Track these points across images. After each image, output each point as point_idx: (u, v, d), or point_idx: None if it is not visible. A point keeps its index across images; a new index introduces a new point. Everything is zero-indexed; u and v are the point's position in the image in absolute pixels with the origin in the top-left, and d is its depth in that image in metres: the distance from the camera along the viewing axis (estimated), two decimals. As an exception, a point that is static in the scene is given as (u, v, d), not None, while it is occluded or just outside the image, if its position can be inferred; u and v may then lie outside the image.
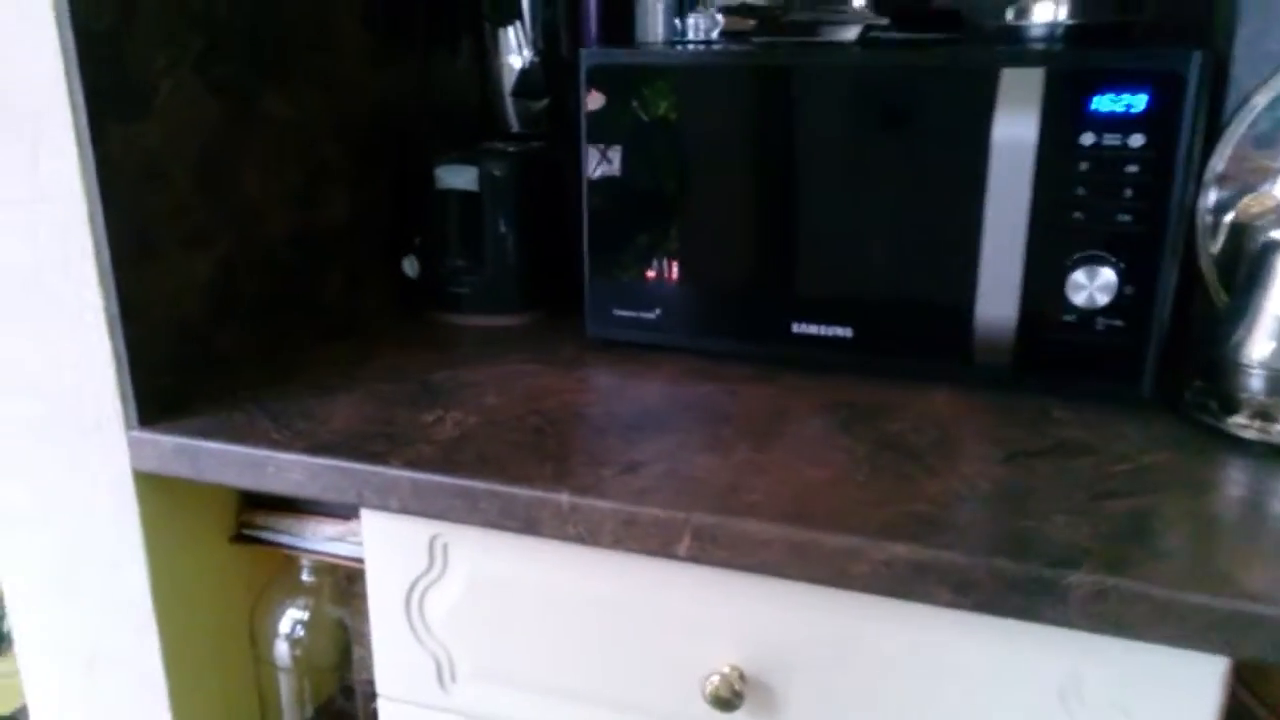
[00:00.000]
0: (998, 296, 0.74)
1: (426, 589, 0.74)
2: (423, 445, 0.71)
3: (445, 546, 0.73)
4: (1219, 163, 0.81)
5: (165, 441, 0.74)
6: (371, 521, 0.74)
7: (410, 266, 0.99)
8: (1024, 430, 0.73)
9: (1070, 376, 0.77)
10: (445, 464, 0.68)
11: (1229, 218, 0.81)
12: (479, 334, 0.96)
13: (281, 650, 0.88)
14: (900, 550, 0.57)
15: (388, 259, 1.01)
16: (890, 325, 0.80)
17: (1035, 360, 0.76)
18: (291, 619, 0.88)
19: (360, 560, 0.82)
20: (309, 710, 0.92)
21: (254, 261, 0.85)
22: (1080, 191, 0.71)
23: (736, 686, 0.65)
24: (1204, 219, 0.82)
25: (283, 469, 0.70)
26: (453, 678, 0.76)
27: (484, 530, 0.70)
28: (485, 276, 0.97)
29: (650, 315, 0.87)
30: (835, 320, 0.81)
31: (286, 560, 0.89)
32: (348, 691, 0.97)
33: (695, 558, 0.62)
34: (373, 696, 0.86)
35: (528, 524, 0.65)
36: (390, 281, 1.02)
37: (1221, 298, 0.81)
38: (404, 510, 0.68)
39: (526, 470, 0.66)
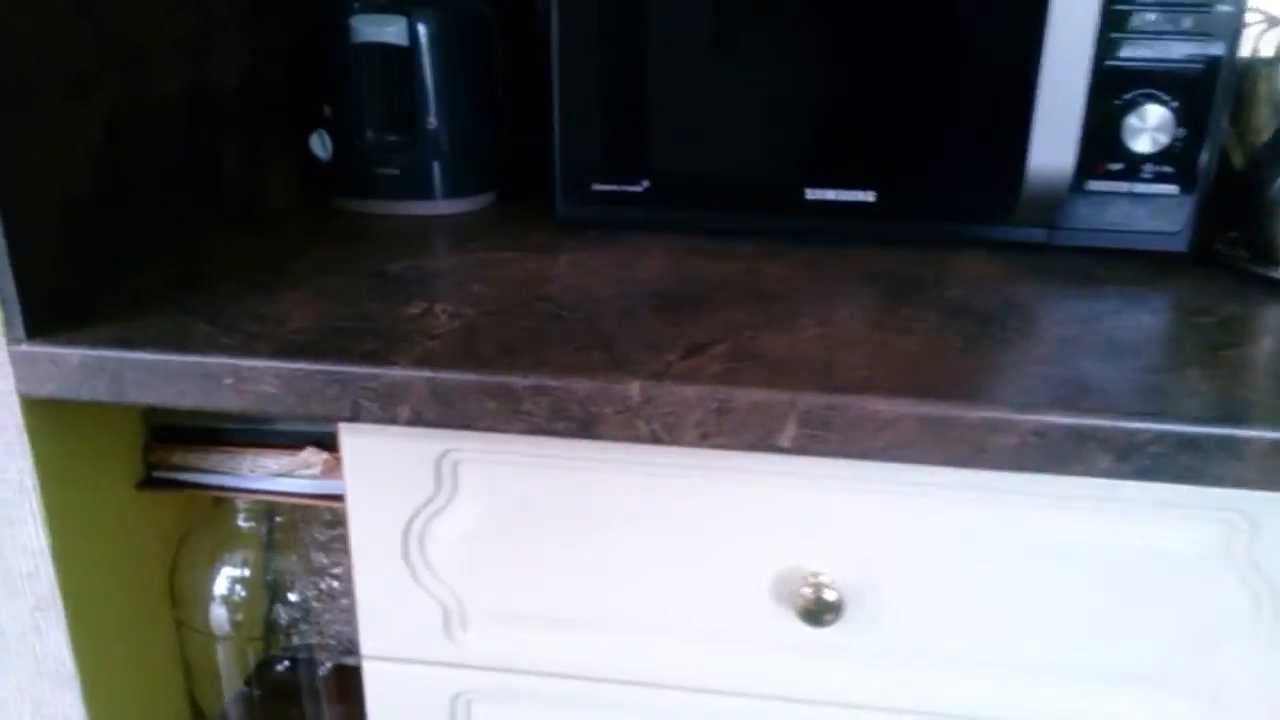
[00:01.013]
0: (1054, 144, 0.67)
1: (430, 519, 0.61)
2: (425, 340, 0.57)
3: (455, 466, 0.59)
4: None
5: (68, 357, 0.56)
6: (357, 443, 0.59)
7: (320, 144, 0.82)
8: (1083, 289, 0.67)
9: (1113, 232, 0.71)
10: (467, 360, 0.54)
11: None
12: (416, 225, 0.81)
13: (219, 616, 0.72)
14: (1055, 418, 0.49)
15: (291, 136, 0.84)
16: (919, 186, 0.72)
17: (1079, 214, 0.71)
18: (228, 577, 0.72)
19: (319, 497, 0.68)
20: (249, 677, 0.76)
21: (144, 120, 0.66)
22: (1148, 18, 0.65)
23: (830, 596, 0.56)
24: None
25: (248, 380, 0.55)
26: (463, 624, 0.63)
27: (504, 441, 0.57)
28: (418, 154, 0.82)
29: (636, 188, 0.75)
30: (856, 183, 0.72)
31: (213, 506, 0.73)
32: (287, 649, 0.82)
33: (802, 448, 0.52)
34: (310, 651, 0.72)
35: (585, 425, 0.53)
36: (294, 165, 0.85)
37: (1238, 156, 0.78)
38: (416, 420, 0.54)
39: (572, 361, 0.54)
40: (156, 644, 0.72)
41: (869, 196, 0.72)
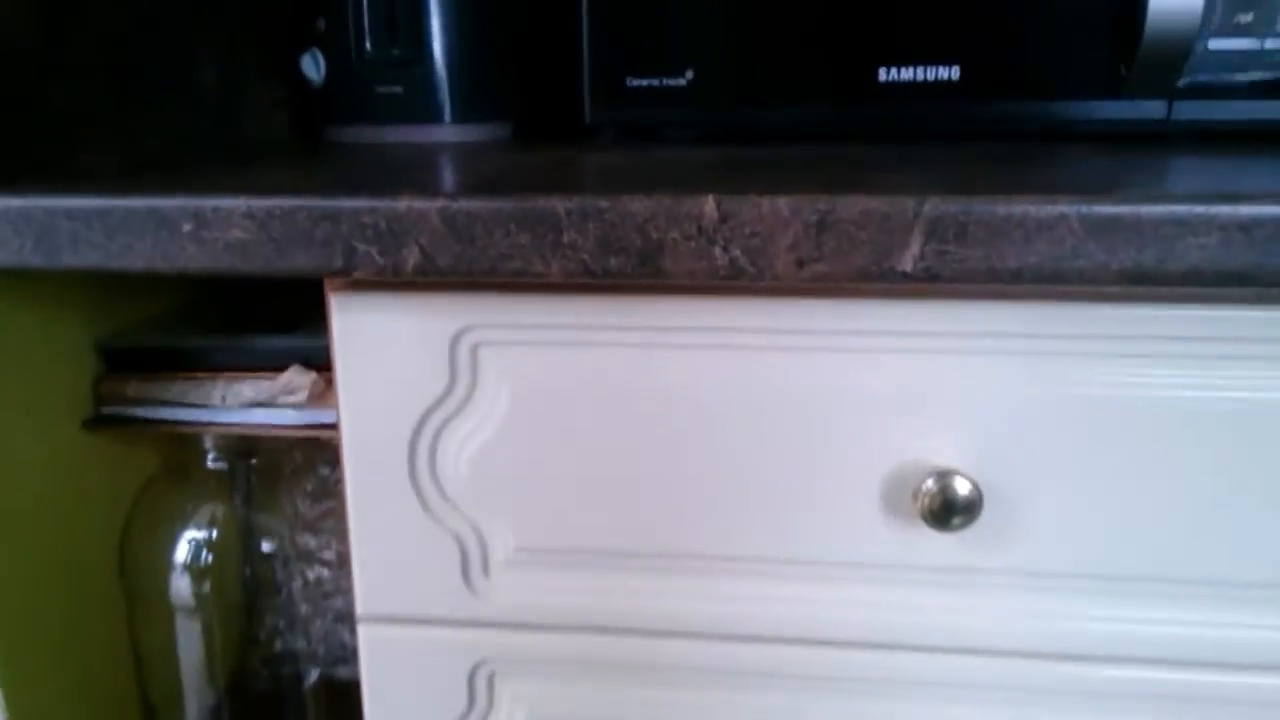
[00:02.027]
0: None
1: (444, 425, 0.48)
2: (442, 179, 0.46)
3: (474, 350, 0.47)
4: None
5: (-13, 211, 0.44)
6: (351, 322, 0.47)
7: (313, 64, 0.72)
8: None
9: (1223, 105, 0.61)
10: (496, 187, 0.43)
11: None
12: (424, 153, 0.70)
13: (180, 587, 0.58)
14: (1272, 208, 0.38)
15: (279, 60, 0.74)
16: (1011, 55, 0.62)
17: (1197, 88, 0.60)
18: (193, 540, 0.59)
19: (307, 428, 0.55)
20: (219, 677, 0.62)
21: (103, -11, 0.56)
22: None
23: (962, 489, 0.43)
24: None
25: (213, 225, 0.43)
26: (484, 568, 0.50)
27: (536, 308, 0.45)
28: (424, 69, 0.71)
29: (679, 80, 0.65)
30: (937, 56, 0.62)
31: (175, 449, 0.60)
32: (267, 656, 0.68)
33: (930, 269, 0.40)
34: (294, 660, 0.59)
35: (645, 257, 0.41)
36: (281, 95, 0.75)
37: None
38: (426, 266, 0.42)
39: (622, 188, 0.42)
40: (101, 621, 0.58)
41: (952, 72, 0.62)
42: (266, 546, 0.61)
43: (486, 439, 0.48)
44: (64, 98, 0.54)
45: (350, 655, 0.74)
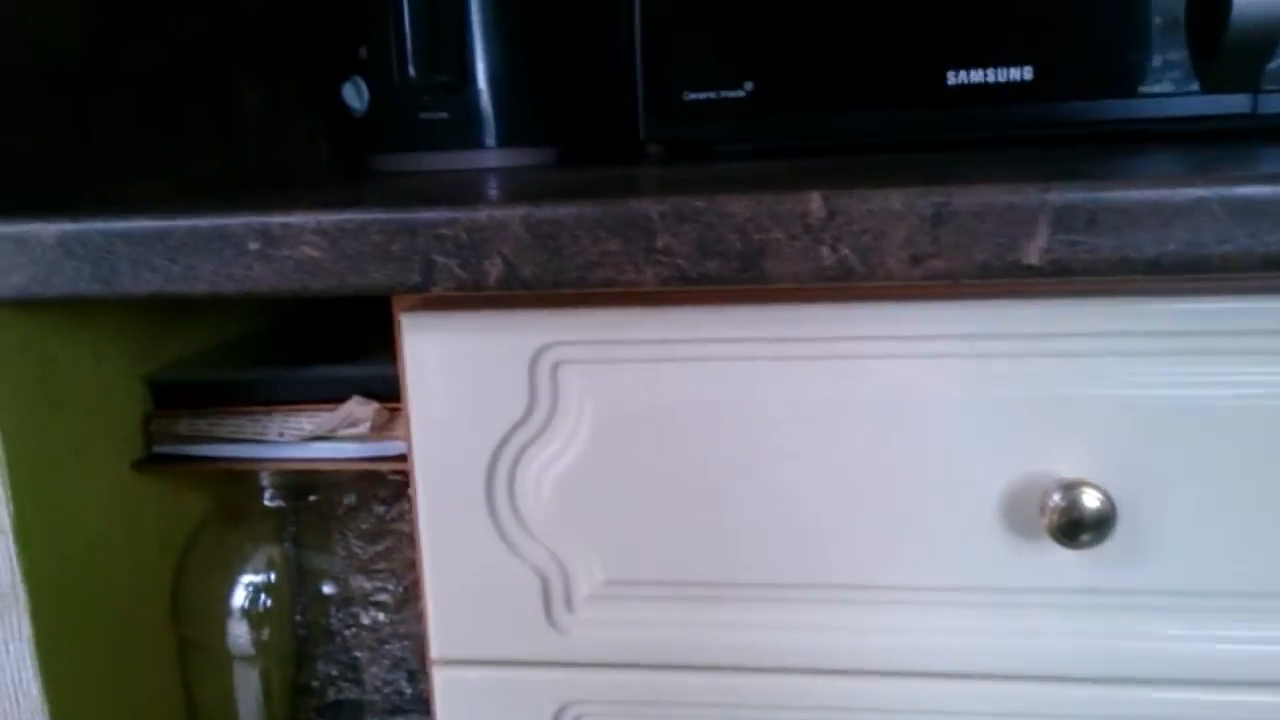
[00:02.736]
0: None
1: (522, 452, 0.45)
2: (523, 184, 0.43)
3: (555, 369, 0.44)
4: None
5: (42, 235, 0.42)
6: (424, 343, 0.44)
7: (355, 93, 0.70)
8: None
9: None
10: (582, 193, 0.40)
11: None
12: (474, 177, 0.68)
13: (238, 633, 0.55)
14: None
15: (320, 88, 0.72)
16: (1086, 54, 0.59)
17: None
18: (250, 583, 0.56)
19: (370, 461, 0.52)
20: (278, 716, 0.58)
21: (145, 12, 0.54)
22: None
23: (1092, 501, 0.40)
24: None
25: (281, 243, 0.40)
26: (568, 603, 0.46)
27: (622, 322, 0.43)
28: (469, 95, 0.70)
29: (738, 93, 0.63)
30: (1008, 57, 0.60)
31: (229, 490, 0.57)
32: (321, 706, 0.64)
33: (1058, 262, 0.37)
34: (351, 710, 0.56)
35: (746, 261, 0.38)
36: (323, 123, 0.73)
37: None
38: (509, 279, 0.40)
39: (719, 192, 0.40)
40: (152, 670, 0.55)
41: (1025, 73, 0.60)
42: (327, 589, 0.58)
43: (568, 464, 0.45)
44: (112, 125, 0.52)
45: (409, 704, 0.71)
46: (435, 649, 0.47)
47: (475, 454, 0.45)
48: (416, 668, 0.69)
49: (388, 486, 0.66)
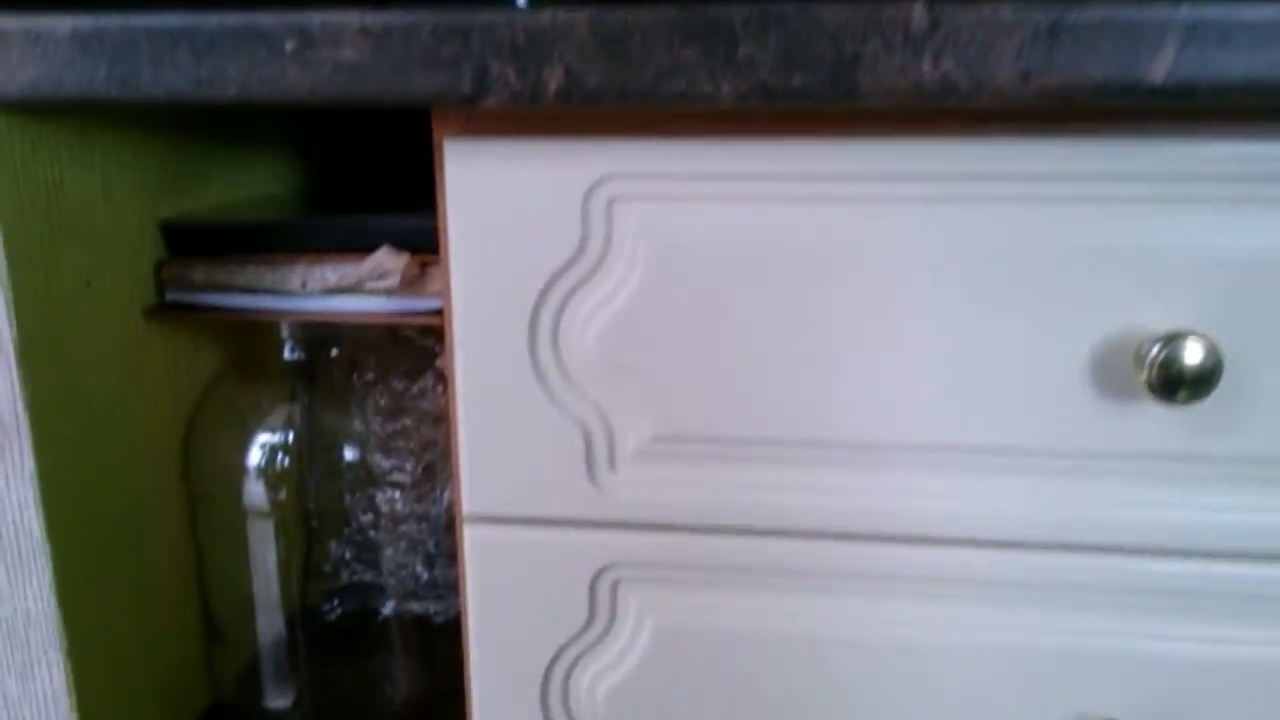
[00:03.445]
0: None
1: (570, 295, 0.42)
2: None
3: (610, 205, 0.41)
4: None
5: (55, 29, 0.38)
6: (467, 169, 0.41)
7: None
8: None
9: None
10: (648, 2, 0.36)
11: None
12: None
13: (253, 493, 0.52)
14: None
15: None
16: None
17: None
18: (265, 442, 0.53)
19: (398, 316, 0.49)
20: (292, 596, 0.56)
21: None
22: None
23: (1194, 355, 0.37)
24: None
25: (321, 43, 0.37)
26: (611, 460, 0.44)
27: (683, 151, 0.39)
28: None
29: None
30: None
31: (246, 344, 0.54)
32: (333, 590, 0.62)
33: (1185, 80, 0.33)
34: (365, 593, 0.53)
35: (837, 74, 0.35)
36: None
37: None
38: (571, 91, 0.36)
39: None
40: (160, 525, 0.52)
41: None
42: (349, 454, 0.55)
43: (618, 310, 0.42)
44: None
45: (424, 590, 0.68)
46: (466, 505, 0.45)
47: (519, 296, 0.42)
48: (434, 551, 0.66)
49: (410, 358, 0.63)
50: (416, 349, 0.59)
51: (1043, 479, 0.41)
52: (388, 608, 0.64)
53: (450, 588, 0.66)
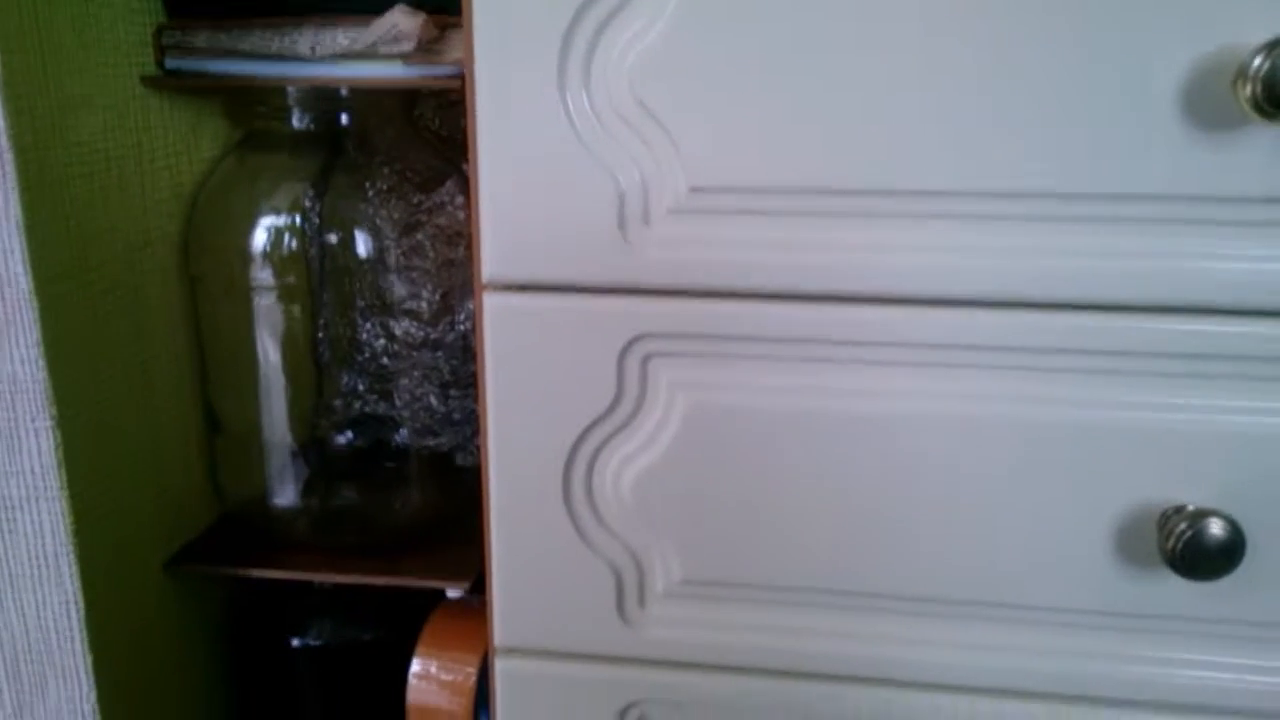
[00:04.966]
0: None
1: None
2: None
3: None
4: None
5: None
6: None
7: None
8: None
9: None
10: None
11: None
12: None
13: (260, 276, 0.49)
14: None
15: None
16: None
17: None
18: (271, 223, 0.49)
19: (417, 80, 0.45)
20: (300, 398, 0.52)
21: None
22: None
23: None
24: None
25: None
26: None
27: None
28: None
29: None
30: None
31: (251, 114, 0.50)
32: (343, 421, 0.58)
33: None
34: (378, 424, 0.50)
35: None
36: None
37: None
38: None
39: None
40: (159, 310, 0.49)
41: None
42: (363, 248, 0.51)
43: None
44: None
45: (439, 424, 0.65)
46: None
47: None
48: (449, 380, 0.63)
49: (426, 157, 0.59)
50: (433, 150, 0.55)
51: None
52: (403, 434, 0.61)
53: (467, 420, 0.63)
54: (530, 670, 0.43)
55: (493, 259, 0.41)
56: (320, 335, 0.58)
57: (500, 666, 0.43)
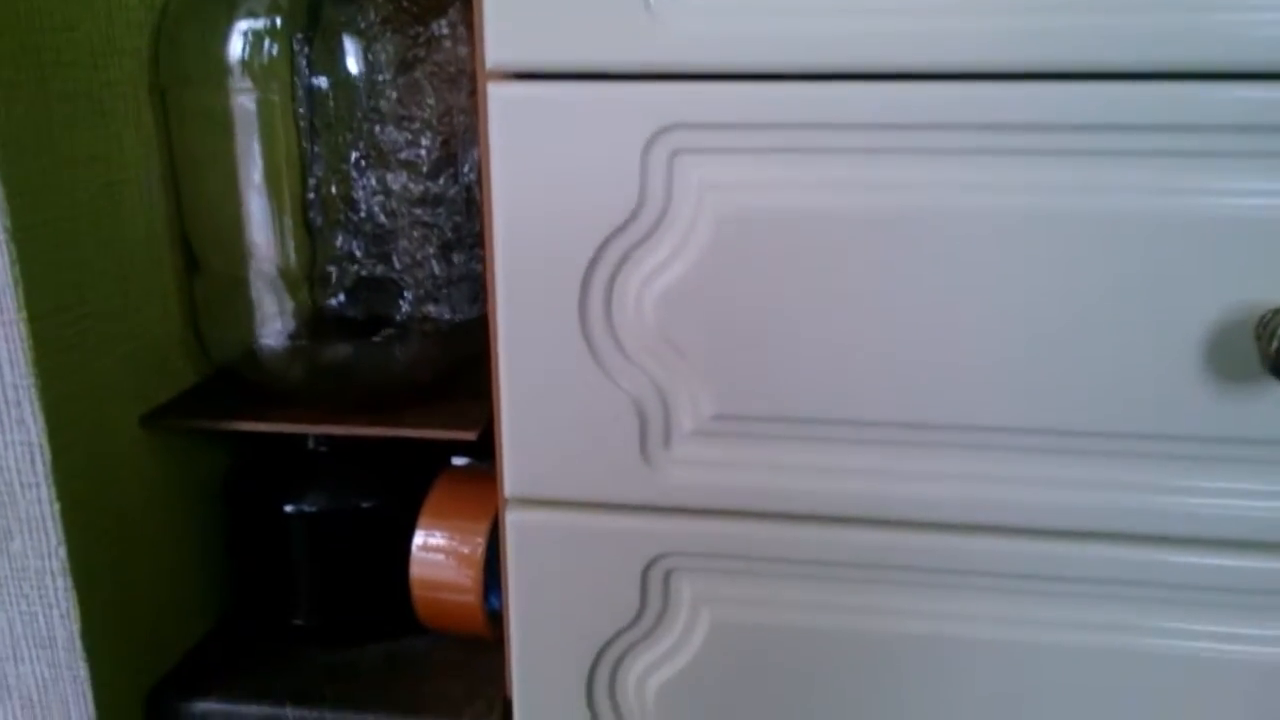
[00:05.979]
0: None
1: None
2: None
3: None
4: None
5: None
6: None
7: None
8: None
9: None
10: None
11: None
12: None
13: (240, 88, 0.44)
14: None
15: None
16: None
17: None
18: (248, 28, 0.44)
19: None
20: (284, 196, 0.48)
21: None
22: None
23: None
24: None
25: None
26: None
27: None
28: None
29: None
30: None
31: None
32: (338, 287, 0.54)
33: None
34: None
35: None
36: None
37: None
38: None
39: None
40: (129, 127, 0.44)
41: None
42: (353, 64, 0.46)
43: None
44: None
45: (440, 290, 0.60)
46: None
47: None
48: (451, 239, 0.58)
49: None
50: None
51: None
52: (403, 307, 0.57)
53: (470, 279, 0.58)
54: (544, 522, 0.39)
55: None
56: (312, 196, 0.53)
57: (511, 519, 0.39)
